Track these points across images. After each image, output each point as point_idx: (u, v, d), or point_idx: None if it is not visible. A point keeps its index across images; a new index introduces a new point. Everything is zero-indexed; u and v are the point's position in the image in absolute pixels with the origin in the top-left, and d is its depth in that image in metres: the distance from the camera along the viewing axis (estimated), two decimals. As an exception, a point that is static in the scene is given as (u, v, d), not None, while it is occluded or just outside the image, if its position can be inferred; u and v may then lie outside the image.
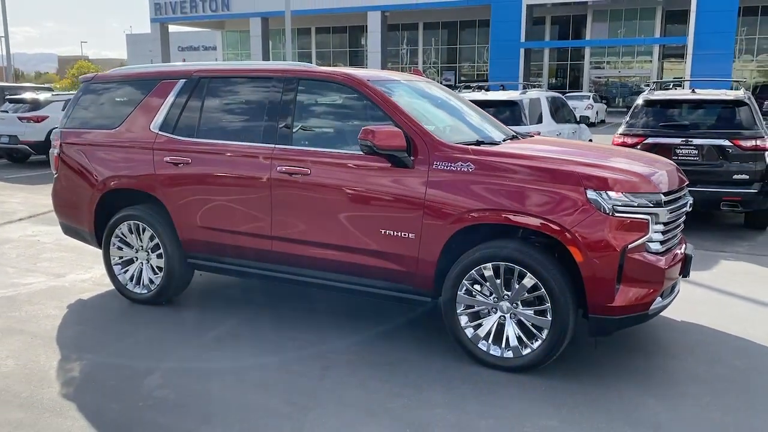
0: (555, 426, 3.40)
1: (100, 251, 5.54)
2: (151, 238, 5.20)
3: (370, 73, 4.83)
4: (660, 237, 3.88)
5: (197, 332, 4.75)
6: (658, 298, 3.93)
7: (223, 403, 3.67)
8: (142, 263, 5.33)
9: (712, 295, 5.59)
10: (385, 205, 4.25)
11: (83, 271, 6.36)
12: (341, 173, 4.42)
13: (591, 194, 3.74)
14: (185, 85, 5.13)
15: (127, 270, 5.41)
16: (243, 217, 4.79)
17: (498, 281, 4.00)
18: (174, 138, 5.06)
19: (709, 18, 30.57)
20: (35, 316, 5.09)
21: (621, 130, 8.33)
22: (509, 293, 4.00)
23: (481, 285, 4.06)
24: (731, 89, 9.70)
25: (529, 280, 3.89)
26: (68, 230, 5.86)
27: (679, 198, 4.17)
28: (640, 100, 8.40)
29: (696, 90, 8.47)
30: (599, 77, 41.89)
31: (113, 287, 5.69)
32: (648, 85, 10.41)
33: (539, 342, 3.93)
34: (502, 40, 34.93)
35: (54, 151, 5.72)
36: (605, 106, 32.99)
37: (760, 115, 7.96)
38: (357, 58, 48.34)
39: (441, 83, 38.52)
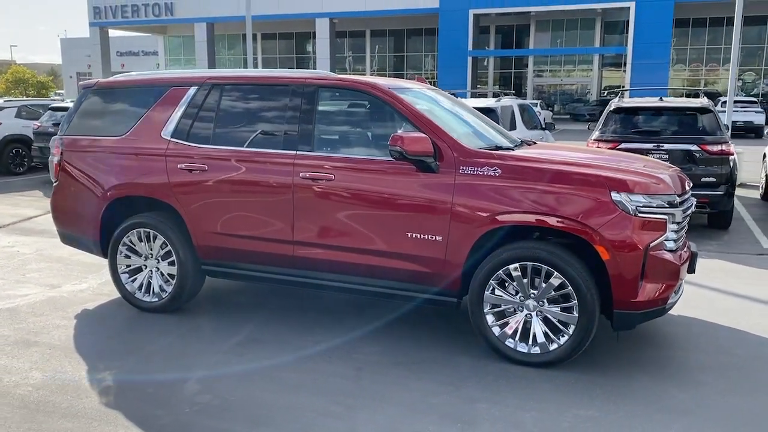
0: (594, 415, 3.60)
1: (88, 261, 5.48)
2: (163, 246, 5.17)
3: (387, 81, 4.96)
4: (674, 236, 4.15)
5: (217, 339, 4.76)
6: (672, 294, 4.21)
7: (269, 405, 3.72)
8: (151, 271, 5.29)
9: (697, 291, 5.94)
10: (412, 209, 4.38)
11: (77, 281, 6.23)
12: (367, 178, 4.52)
13: (615, 196, 3.98)
14: (198, 92, 5.14)
15: (135, 278, 5.35)
16: (263, 223, 4.83)
17: (525, 280, 4.19)
18: (188, 145, 5.06)
19: (647, 29, 32.00)
20: (45, 327, 4.98)
21: (594, 135, 8.71)
22: (535, 292, 4.19)
23: (508, 284, 4.24)
24: (693, 97, 10.25)
25: (556, 279, 4.09)
26: (69, 240, 5.75)
27: (687, 200, 4.46)
28: (612, 107, 8.80)
29: (663, 98, 8.94)
30: (541, 85, 43.18)
31: (114, 297, 5.66)
32: (615, 94, 10.86)
33: (566, 338, 4.13)
34: (450, 48, 35.59)
35: (54, 159, 5.61)
36: (551, 113, 34.14)
37: (722, 122, 8.49)
38: (304, 65, 48.24)
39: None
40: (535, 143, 5.57)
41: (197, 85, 5.17)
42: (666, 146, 8.16)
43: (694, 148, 8.09)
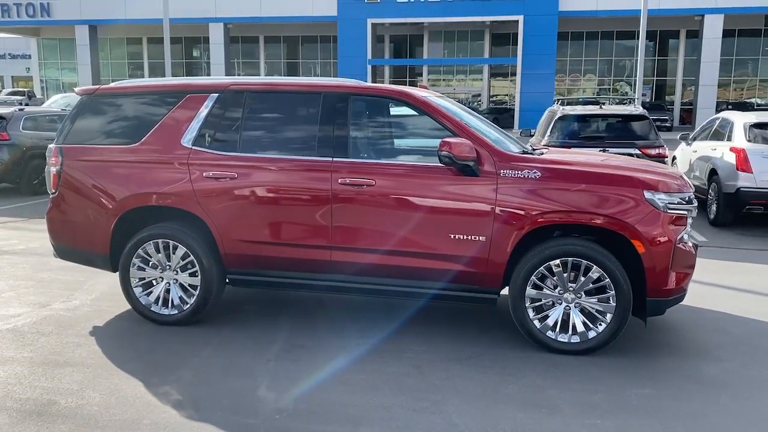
0: (653, 393, 3.99)
1: (60, 278, 5.22)
2: (184, 256, 5.05)
3: (414, 90, 5.15)
4: (690, 230, 4.66)
5: (258, 347, 4.72)
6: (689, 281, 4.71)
7: (358, 406, 3.80)
8: (169, 283, 5.14)
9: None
10: (455, 211, 4.61)
11: (65, 298, 5.88)
12: (408, 183, 4.70)
13: (648, 195, 4.42)
14: (219, 99, 5.08)
15: (151, 291, 5.18)
16: (298, 229, 4.87)
17: (565, 275, 4.53)
18: (213, 153, 4.99)
19: (534, 42, 34.06)
20: (64, 346, 4.72)
21: (544, 141, 9.32)
22: (573, 285, 4.54)
23: (547, 279, 4.56)
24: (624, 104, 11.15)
25: (595, 273, 4.46)
26: (68, 255, 5.45)
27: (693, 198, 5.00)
28: (558, 115, 9.46)
29: (603, 106, 9.72)
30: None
31: (120, 312, 5.48)
32: (560, 101, 11.61)
33: (603, 326, 4.51)
34: (350, 56, 36.00)
35: (53, 169, 5.30)
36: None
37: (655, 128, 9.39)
38: (195, 71, 46.86)
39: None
40: (547, 149, 5.95)
41: (218, 92, 5.10)
42: (611, 150, 8.89)
43: (635, 151, 8.88)
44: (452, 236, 4.62)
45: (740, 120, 9.48)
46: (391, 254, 4.75)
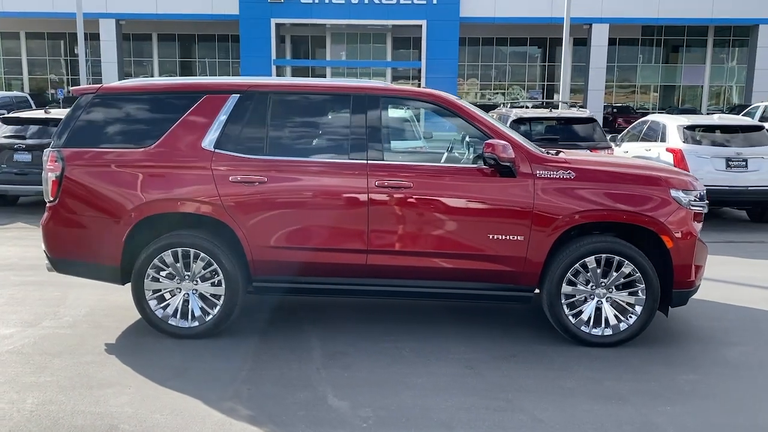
0: (699, 378, 4.28)
1: (30, 293, 4.94)
2: (207, 265, 4.80)
3: (442, 92, 5.18)
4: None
5: (298, 356, 4.57)
6: (701, 273, 5.07)
7: (438, 408, 3.79)
8: (187, 294, 4.87)
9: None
10: (494, 212, 4.69)
11: (53, 315, 5.40)
12: (446, 185, 4.73)
13: (674, 193, 4.71)
14: (241, 100, 4.86)
15: (168, 304, 4.88)
16: (333, 233, 4.77)
17: (598, 271, 4.74)
18: (239, 156, 4.77)
19: (438, 46, 34.84)
20: (85, 366, 4.35)
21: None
22: (604, 280, 4.76)
23: (581, 276, 4.75)
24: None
25: (627, 267, 4.70)
26: (69, 268, 5.02)
27: None
28: (514, 117, 9.80)
29: (553, 110, 10.17)
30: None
31: (127, 326, 5.16)
32: (504, 104, 11.98)
33: (634, 318, 4.76)
34: (253, 56, 35.15)
35: (51, 175, 4.86)
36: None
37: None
38: (78, 68, 44.04)
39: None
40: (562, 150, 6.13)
41: (239, 93, 4.89)
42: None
43: (586, 151, 9.36)
44: (491, 236, 4.71)
45: (673, 122, 10.24)
46: (428, 256, 4.76)
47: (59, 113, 11.18)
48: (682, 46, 42.58)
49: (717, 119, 10.50)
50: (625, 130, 12.39)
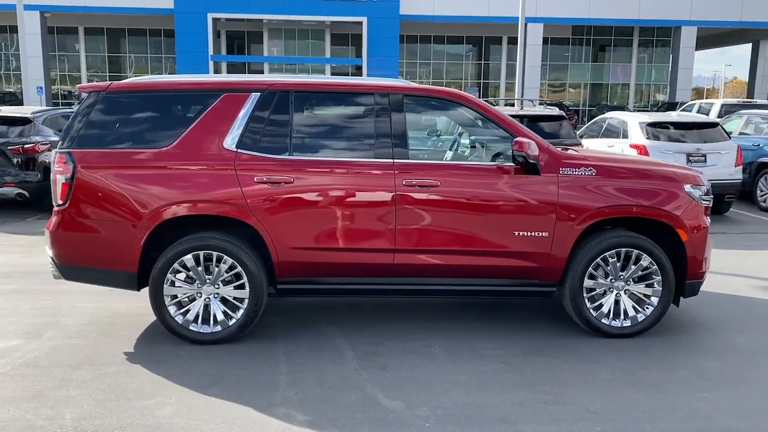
0: (721, 365, 4.49)
1: (20, 304, 4.87)
2: (230, 268, 4.66)
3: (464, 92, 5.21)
4: (703, 220, 5.25)
5: (331, 360, 4.51)
6: (706, 263, 5.31)
7: (492, 406, 3.83)
8: (209, 298, 4.72)
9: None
10: (519, 208, 4.77)
11: (54, 326, 5.13)
12: (473, 183, 4.77)
13: (687, 188, 4.92)
14: (262, 98, 4.75)
15: (188, 309, 4.72)
16: (361, 233, 4.73)
17: (618, 264, 4.89)
18: (263, 156, 4.66)
19: (379, 43, 34.92)
20: (113, 377, 4.15)
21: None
22: (623, 273, 4.92)
23: (599, 269, 4.89)
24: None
25: (645, 261, 4.87)
26: (81, 275, 4.78)
27: None
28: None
29: (524, 107, 10.39)
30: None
31: (138, 335, 4.94)
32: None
33: (651, 309, 4.94)
34: (188, 51, 34.21)
35: (61, 177, 4.60)
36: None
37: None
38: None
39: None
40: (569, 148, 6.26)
41: (259, 91, 4.77)
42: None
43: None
44: (516, 233, 4.78)
45: (634, 120, 10.66)
46: (454, 254, 4.79)
47: (11, 111, 10.59)
48: (609, 45, 44.26)
49: (676, 117, 10.99)
50: (584, 127, 12.79)
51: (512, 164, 4.78)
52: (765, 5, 35.97)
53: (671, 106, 31.45)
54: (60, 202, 4.64)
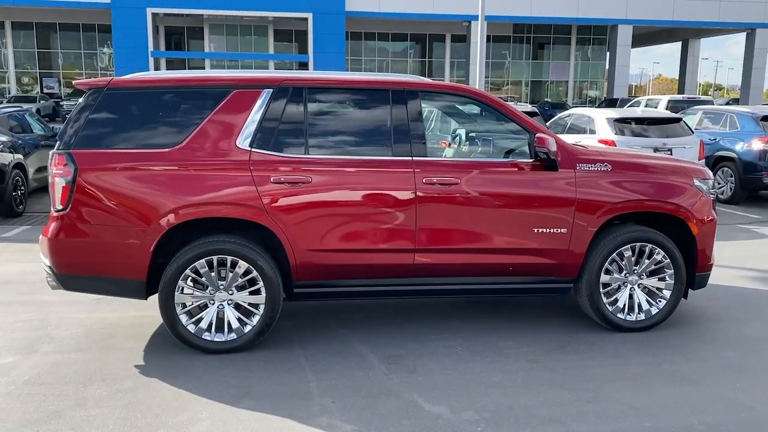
0: (738, 356, 4.58)
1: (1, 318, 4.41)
2: (245, 273, 4.45)
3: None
4: (707, 213, 5.36)
5: (355, 363, 4.37)
6: (708, 255, 5.42)
7: (535, 406, 3.78)
8: (222, 305, 4.49)
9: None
10: (540, 205, 4.74)
11: (47, 339, 4.78)
12: (493, 180, 4.71)
13: (697, 182, 5.00)
14: (275, 95, 4.55)
15: (200, 318, 4.48)
16: (381, 233, 4.59)
17: (633, 259, 4.93)
18: (279, 155, 4.47)
19: (324, 40, 34.58)
20: (130, 392, 3.89)
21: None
22: (636, 268, 4.97)
23: (614, 264, 4.91)
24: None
25: (658, 255, 4.93)
26: (83, 285, 4.48)
27: None
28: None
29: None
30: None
31: (142, 346, 4.68)
32: None
33: (663, 302, 5.01)
34: (127, 47, 32.93)
35: (61, 181, 4.28)
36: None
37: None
38: None
39: (43, 92, 34.07)
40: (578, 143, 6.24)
41: (271, 88, 4.57)
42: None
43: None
44: (536, 230, 4.75)
45: (601, 116, 10.87)
46: (474, 252, 4.73)
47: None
48: (549, 43, 45.31)
49: (641, 112, 11.28)
50: (548, 123, 12.97)
51: (530, 160, 4.75)
52: (695, 6, 37.52)
53: (611, 102, 32.44)
54: (60, 207, 4.31)
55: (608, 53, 41.49)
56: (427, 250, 4.65)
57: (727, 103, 36.01)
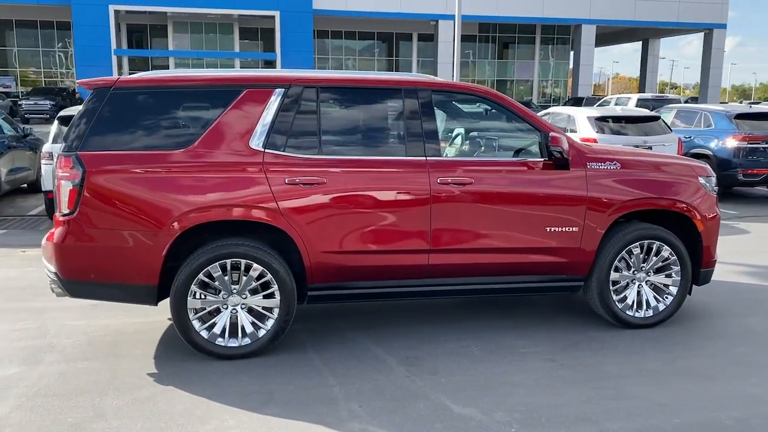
0: (748, 351, 4.66)
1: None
2: (260, 276, 4.36)
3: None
4: (708, 209, 5.46)
5: (374, 366, 4.32)
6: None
7: (562, 405, 3.79)
8: (235, 309, 4.39)
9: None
10: (553, 204, 4.75)
11: (48, 348, 4.61)
12: (506, 179, 4.71)
13: (701, 180, 5.09)
14: (287, 94, 4.46)
15: (214, 323, 4.37)
16: (396, 234, 4.55)
17: (641, 256, 4.99)
18: (294, 156, 4.39)
19: (292, 38, 34.33)
20: (150, 402, 3.77)
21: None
22: (644, 265, 5.03)
23: (623, 261, 4.96)
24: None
25: (665, 252, 5.00)
26: (91, 291, 4.33)
27: None
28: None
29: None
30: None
31: (151, 352, 4.56)
32: None
33: (670, 299, 5.08)
34: (89, 45, 32.15)
35: (68, 184, 4.12)
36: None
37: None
38: None
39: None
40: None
41: (283, 87, 4.48)
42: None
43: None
44: (548, 229, 4.77)
45: (581, 114, 11.01)
46: (488, 252, 4.72)
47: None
48: (513, 43, 45.80)
49: (620, 111, 11.45)
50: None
51: (541, 160, 4.77)
52: (655, 6, 38.40)
53: (577, 101, 32.96)
54: (66, 211, 4.16)
55: (572, 53, 42.18)
56: (441, 250, 4.63)
57: (686, 101, 36.94)
